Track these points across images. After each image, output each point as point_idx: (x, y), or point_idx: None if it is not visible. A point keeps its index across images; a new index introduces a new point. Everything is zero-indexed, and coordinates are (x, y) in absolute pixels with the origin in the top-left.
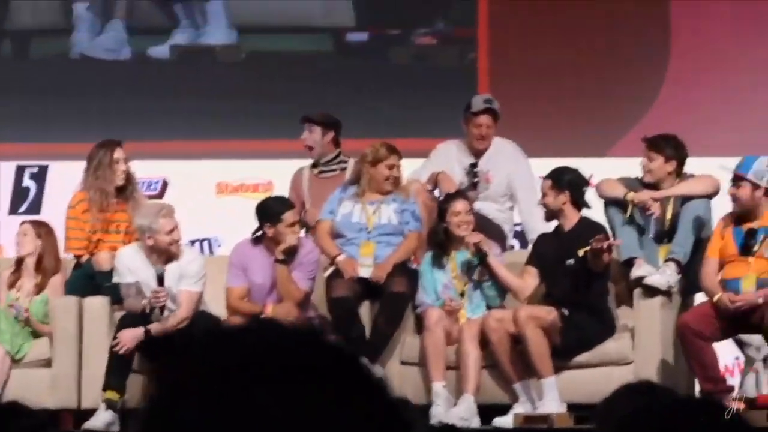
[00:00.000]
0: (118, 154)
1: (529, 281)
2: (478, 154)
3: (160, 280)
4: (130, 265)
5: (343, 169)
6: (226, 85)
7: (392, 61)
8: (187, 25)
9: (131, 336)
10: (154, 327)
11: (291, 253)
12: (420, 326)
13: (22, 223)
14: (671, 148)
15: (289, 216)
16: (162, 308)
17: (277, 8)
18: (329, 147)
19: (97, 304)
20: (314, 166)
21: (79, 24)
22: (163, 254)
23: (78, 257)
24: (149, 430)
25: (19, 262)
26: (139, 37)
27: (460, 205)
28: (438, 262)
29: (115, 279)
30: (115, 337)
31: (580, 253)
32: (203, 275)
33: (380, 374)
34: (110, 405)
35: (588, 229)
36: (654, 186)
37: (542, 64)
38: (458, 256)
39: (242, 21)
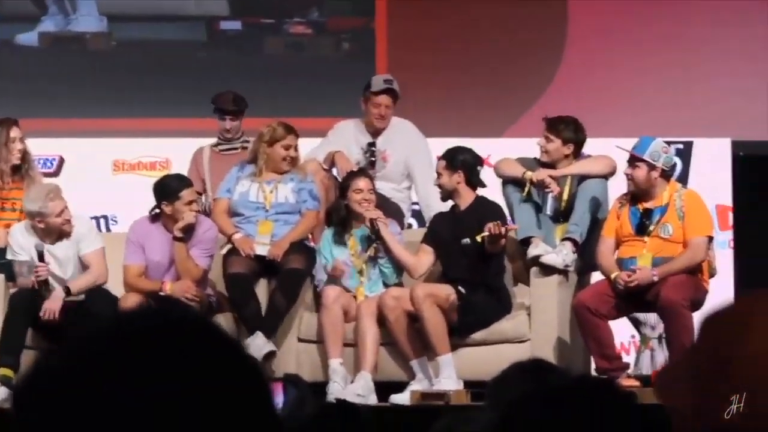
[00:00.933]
0: (15, 132)
1: (424, 259)
2: (375, 133)
3: (41, 256)
4: (23, 242)
5: (245, 148)
6: (96, 73)
7: (266, 51)
8: (55, 12)
9: (55, 304)
10: (74, 285)
11: (189, 231)
12: (318, 304)
13: None
14: (570, 132)
15: (186, 194)
16: (45, 282)
17: None
18: (241, 129)
19: None
20: (216, 145)
21: None
22: (55, 233)
23: None
24: (23, 410)
25: None
26: (6, 24)
27: (362, 183)
28: (338, 239)
29: (9, 256)
30: (15, 315)
31: (478, 238)
32: (96, 231)
33: (273, 349)
34: (4, 382)
35: (484, 208)
36: (551, 166)
37: (439, 45)
38: (357, 233)
39: (112, 9)
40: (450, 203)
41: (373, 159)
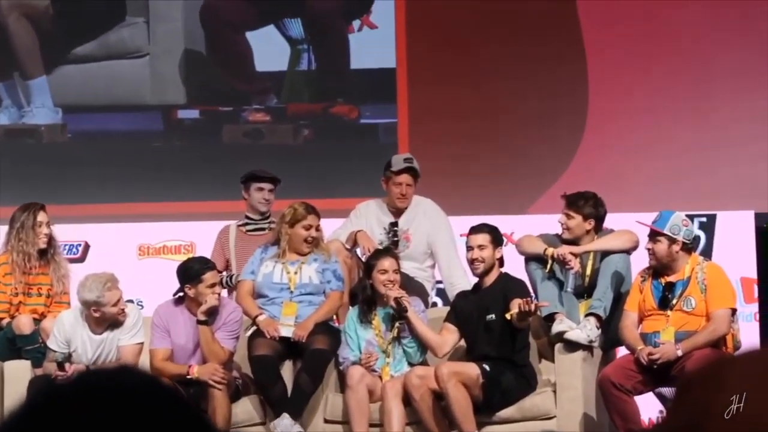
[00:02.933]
0: (41, 217)
1: (448, 338)
2: (397, 213)
3: (60, 366)
4: (69, 333)
5: (272, 229)
6: (51, 164)
7: (224, 139)
8: (9, 104)
9: (69, 371)
10: (93, 367)
11: (213, 314)
12: (343, 384)
13: None
14: (590, 207)
15: (209, 276)
16: None
17: (104, 88)
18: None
19: (18, 368)
20: (244, 224)
21: None
22: (107, 322)
23: None
24: None
25: None
26: None
27: (387, 263)
28: (363, 319)
29: (50, 344)
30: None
31: (508, 316)
32: (140, 325)
33: (300, 431)
34: None
35: (508, 285)
36: (573, 242)
37: (461, 124)
38: (381, 313)
39: (68, 101)
40: (473, 280)
41: (396, 239)
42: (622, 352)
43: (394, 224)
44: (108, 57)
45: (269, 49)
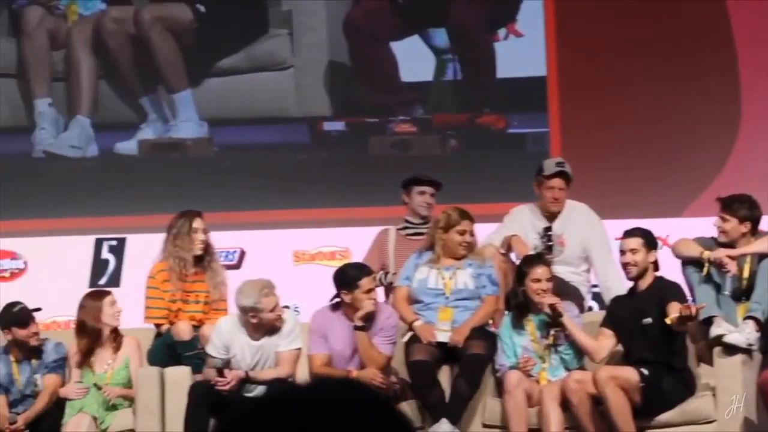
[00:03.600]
0: (197, 223)
1: (604, 343)
2: (551, 217)
3: (220, 373)
4: (227, 339)
5: None
6: (199, 176)
7: (371, 150)
8: (154, 119)
9: (231, 377)
10: (255, 373)
11: (370, 319)
12: (500, 389)
13: (106, 294)
14: (746, 209)
15: (365, 282)
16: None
17: (249, 101)
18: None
19: (178, 374)
20: (404, 228)
21: (41, 121)
22: (265, 328)
23: (158, 326)
24: None
25: (94, 333)
26: (106, 132)
27: (540, 271)
28: (517, 325)
29: (210, 349)
30: (194, 394)
31: (668, 321)
32: (299, 331)
33: None
34: None
35: (664, 288)
36: (729, 245)
37: (613, 132)
38: (535, 319)
39: (213, 114)
40: (629, 284)
41: (551, 243)
42: None
43: (548, 228)
44: (252, 69)
45: (414, 59)
